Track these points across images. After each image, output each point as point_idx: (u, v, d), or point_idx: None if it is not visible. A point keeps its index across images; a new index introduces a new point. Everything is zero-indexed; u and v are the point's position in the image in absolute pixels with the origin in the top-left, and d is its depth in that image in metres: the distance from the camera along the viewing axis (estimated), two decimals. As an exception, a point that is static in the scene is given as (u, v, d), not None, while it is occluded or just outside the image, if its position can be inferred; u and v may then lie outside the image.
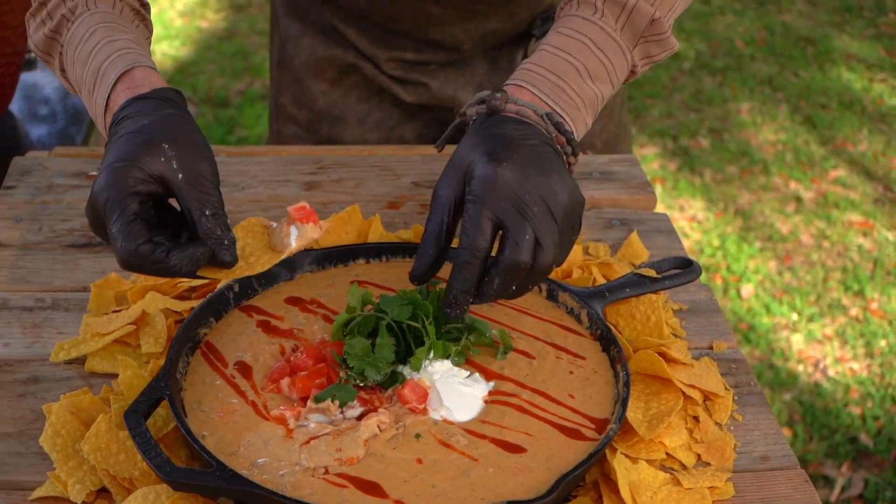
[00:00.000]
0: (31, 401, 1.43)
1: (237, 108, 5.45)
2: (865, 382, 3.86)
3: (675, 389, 1.44)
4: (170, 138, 1.32)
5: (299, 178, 1.94)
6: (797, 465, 1.42)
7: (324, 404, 1.33)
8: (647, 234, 1.85)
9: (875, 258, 4.51)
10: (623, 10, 1.52)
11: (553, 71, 1.48)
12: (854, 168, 5.13)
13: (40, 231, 1.78)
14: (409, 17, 1.96)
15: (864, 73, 5.97)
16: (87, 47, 1.50)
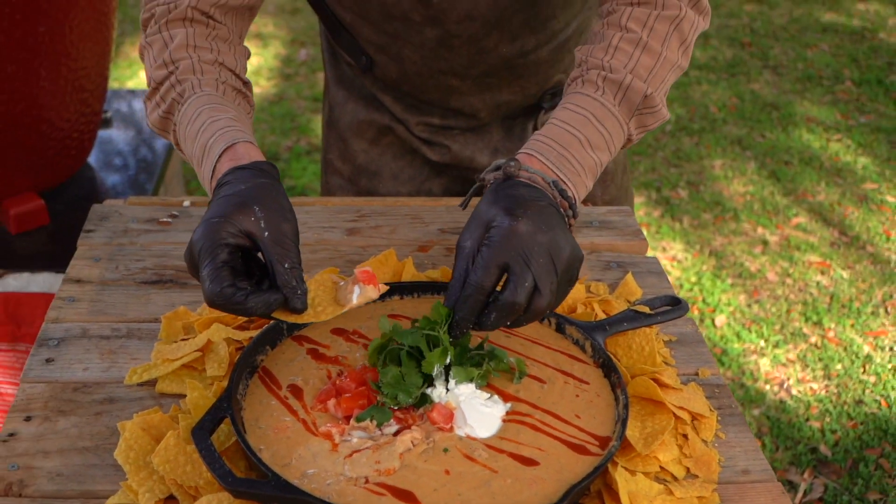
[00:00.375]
0: (106, 419, 1.42)
1: (286, 161, 5.45)
2: (824, 400, 3.81)
3: (667, 411, 1.43)
4: (260, 202, 1.33)
5: (343, 225, 1.93)
6: (774, 478, 1.40)
7: (364, 423, 1.32)
8: (640, 275, 1.83)
9: (832, 293, 4.47)
10: (619, 88, 1.55)
11: (559, 142, 1.50)
12: (813, 216, 5.09)
13: (116, 269, 1.77)
14: (433, 88, 1.96)
15: (822, 134, 5.94)
16: (195, 127, 1.51)
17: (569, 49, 1.96)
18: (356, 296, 1.39)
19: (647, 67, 1.56)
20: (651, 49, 1.57)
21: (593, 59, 1.57)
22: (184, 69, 1.59)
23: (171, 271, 1.76)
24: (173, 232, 1.88)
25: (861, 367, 3.99)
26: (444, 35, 1.83)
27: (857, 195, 5.28)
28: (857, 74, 6.74)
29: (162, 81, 1.61)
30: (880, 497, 3.31)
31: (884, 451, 3.54)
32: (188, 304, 1.66)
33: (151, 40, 1.64)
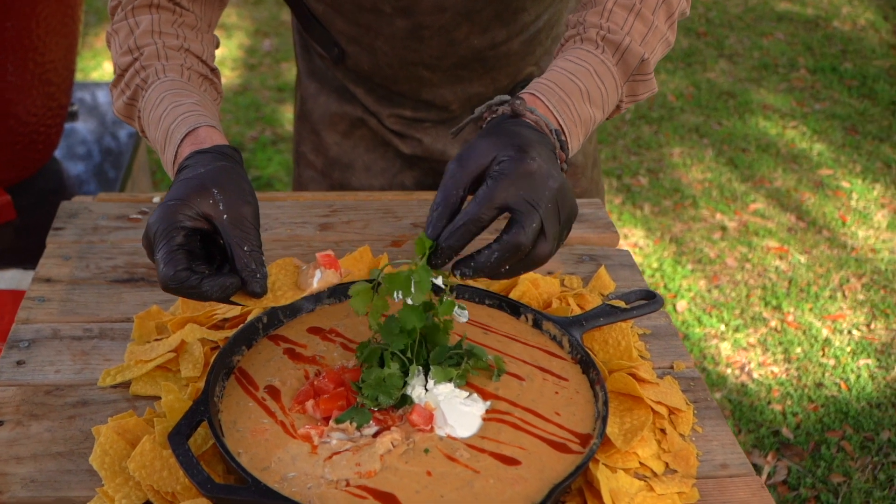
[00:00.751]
0: (80, 422, 1.37)
1: (251, 151, 5.38)
2: (785, 384, 3.83)
3: (645, 406, 1.40)
4: (219, 184, 1.30)
5: (315, 220, 1.89)
6: (752, 472, 1.38)
7: (344, 425, 1.28)
8: (613, 268, 1.81)
9: (790, 278, 4.49)
10: (618, 49, 1.51)
11: (562, 87, 1.44)
12: (770, 202, 5.11)
13: (87, 268, 1.72)
14: (405, 80, 1.92)
15: (778, 121, 5.96)
16: (158, 112, 1.48)
17: (540, 41, 1.93)
18: (317, 280, 1.36)
19: (640, 33, 1.53)
20: (644, 16, 1.53)
21: (591, 20, 1.53)
22: (148, 55, 1.55)
23: (142, 269, 1.71)
24: (143, 229, 1.82)
25: (820, 351, 4.00)
26: (415, 26, 1.79)
27: (813, 181, 5.30)
28: (812, 62, 6.76)
29: (127, 68, 1.57)
30: (843, 480, 3.32)
31: (845, 433, 3.55)
32: (160, 302, 1.61)
33: (118, 27, 1.60)
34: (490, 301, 1.56)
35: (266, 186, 5.04)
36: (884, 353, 3.98)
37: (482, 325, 1.51)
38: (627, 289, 1.76)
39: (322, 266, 1.36)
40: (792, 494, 3.29)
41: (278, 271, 1.37)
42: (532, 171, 1.25)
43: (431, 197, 1.98)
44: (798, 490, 3.30)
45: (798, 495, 3.28)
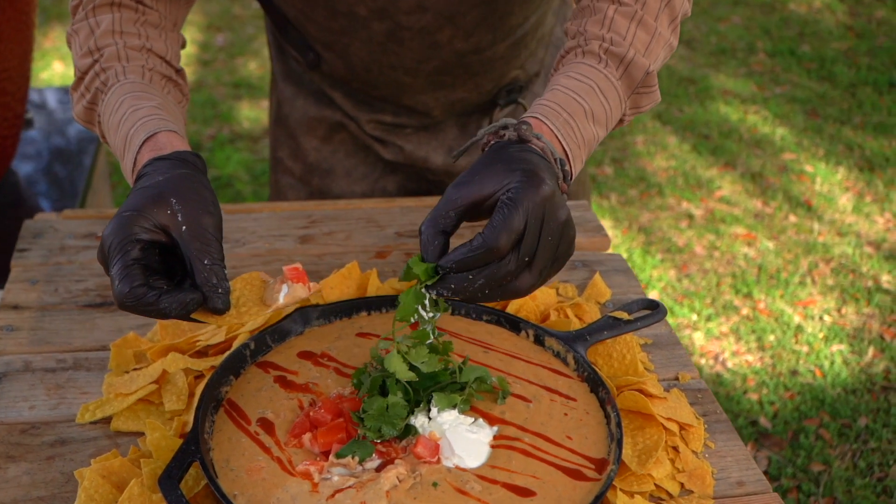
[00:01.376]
0: (60, 463, 1.27)
1: (210, 150, 5.25)
2: (760, 372, 3.79)
3: (656, 424, 1.33)
4: (179, 194, 1.21)
5: (294, 233, 1.80)
6: (769, 488, 1.31)
7: (345, 459, 1.19)
8: (607, 274, 1.74)
9: (759, 264, 4.45)
10: (622, 62, 1.42)
11: (566, 109, 1.35)
12: (735, 188, 5.07)
13: (56, 292, 1.61)
14: (384, 85, 1.83)
15: (739, 106, 5.93)
16: (117, 117, 1.38)
17: (525, 44, 1.85)
18: (283, 295, 1.28)
19: (644, 43, 1.43)
20: (646, 24, 1.44)
21: (592, 31, 1.43)
22: (108, 56, 1.46)
23: (115, 292, 1.61)
24: (114, 247, 1.72)
25: (793, 338, 3.97)
26: (394, 28, 1.70)
27: (776, 166, 5.28)
28: (770, 46, 6.75)
29: (87, 70, 1.48)
30: (824, 468, 3.29)
31: (822, 421, 3.52)
32: (137, 328, 1.52)
33: (78, 27, 1.51)
34: (488, 317, 1.48)
35: (226, 186, 4.92)
36: (856, 339, 3.95)
37: (482, 343, 1.43)
38: (623, 295, 1.69)
39: (289, 280, 1.28)
40: (773, 485, 3.25)
41: (243, 286, 1.28)
42: (547, 197, 1.17)
43: (414, 204, 1.90)
44: (779, 480, 3.26)
45: (780, 486, 3.24)
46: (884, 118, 5.78)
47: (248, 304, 1.27)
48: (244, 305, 1.27)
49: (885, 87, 6.18)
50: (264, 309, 1.27)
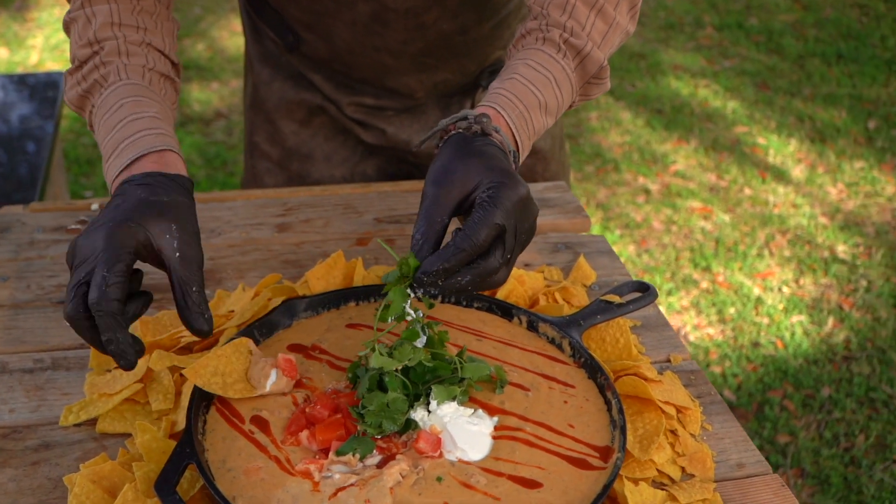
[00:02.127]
0: (46, 468, 1.22)
1: (160, 136, 5.14)
2: (722, 345, 3.80)
3: (654, 408, 1.31)
4: (178, 221, 1.20)
5: (271, 221, 1.75)
6: (770, 469, 1.30)
7: (346, 457, 1.15)
8: (591, 256, 1.71)
9: (716, 238, 4.47)
10: (579, 54, 1.43)
11: (523, 101, 1.37)
12: (690, 162, 5.08)
13: (29, 289, 1.55)
14: (367, 67, 1.78)
15: (689, 80, 5.94)
16: (115, 119, 1.35)
17: (508, 24, 1.81)
18: (270, 383, 1.24)
19: (601, 32, 1.44)
20: (605, 12, 1.45)
21: (554, 17, 1.43)
22: (109, 51, 1.42)
23: (90, 287, 1.55)
24: (86, 241, 1.66)
25: (753, 310, 3.99)
26: (380, 9, 1.65)
27: (729, 139, 5.30)
28: (717, 20, 6.76)
29: (86, 60, 1.44)
30: (790, 439, 3.31)
31: (786, 392, 3.54)
32: (116, 324, 1.46)
33: (75, 16, 1.47)
34: (479, 304, 1.45)
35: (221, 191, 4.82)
36: (815, 309, 3.98)
37: (475, 332, 1.39)
38: (609, 277, 1.66)
39: (281, 369, 1.25)
40: (741, 458, 3.26)
41: (232, 351, 1.25)
42: (524, 198, 1.20)
43: (392, 189, 1.86)
44: (746, 453, 3.28)
45: (747, 458, 3.25)
46: (833, 89, 5.82)
47: (233, 374, 1.25)
48: (230, 376, 1.25)
49: (834, 58, 6.23)
50: (248, 389, 1.25)
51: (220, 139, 5.12)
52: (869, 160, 5.10)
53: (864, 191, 4.83)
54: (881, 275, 4.20)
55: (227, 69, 5.94)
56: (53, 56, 5.95)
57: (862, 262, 4.29)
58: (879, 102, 5.68)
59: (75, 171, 4.70)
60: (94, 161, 4.84)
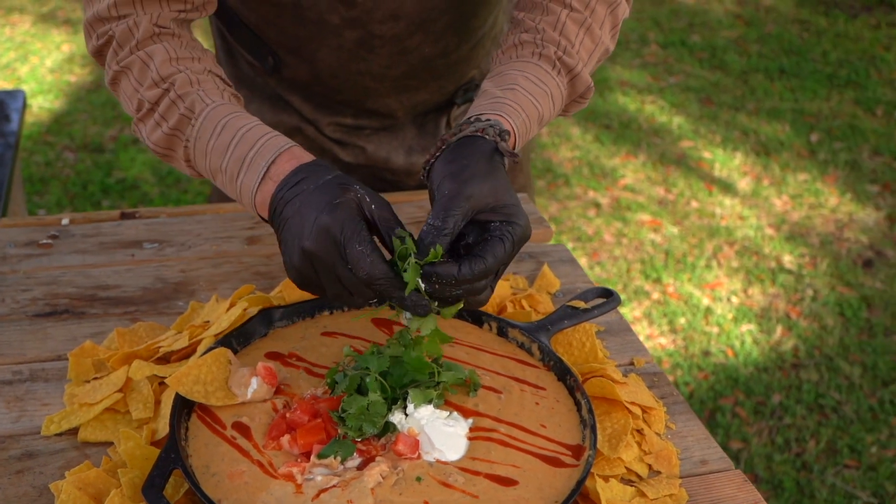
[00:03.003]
0: (30, 477, 1.24)
1: (113, 152, 5.12)
2: (674, 354, 3.88)
3: (621, 408, 1.36)
4: (359, 185, 1.27)
5: (241, 234, 1.77)
6: (732, 466, 1.36)
7: (327, 460, 1.19)
8: (554, 265, 1.76)
9: (666, 250, 4.55)
10: (570, 73, 1.49)
11: (527, 114, 1.43)
12: (638, 176, 5.17)
13: (3, 303, 1.56)
14: (349, 89, 1.81)
15: (636, 96, 6.05)
16: (225, 139, 1.36)
17: (483, 45, 1.86)
18: (251, 391, 1.28)
19: (588, 51, 1.50)
20: (592, 32, 1.51)
21: (549, 34, 1.48)
22: (181, 83, 1.42)
23: (64, 300, 1.57)
24: (57, 255, 1.68)
25: (703, 320, 4.07)
26: (366, 36, 1.68)
27: (676, 153, 5.40)
28: (662, 37, 6.89)
29: (157, 101, 1.43)
30: (743, 446, 3.39)
31: (737, 399, 3.62)
32: (91, 336, 1.48)
33: (127, 62, 1.45)
34: (450, 311, 1.49)
35: (132, 189, 4.82)
36: (763, 318, 4.08)
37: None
38: (572, 284, 1.71)
39: (261, 377, 1.28)
40: (695, 464, 3.33)
41: (212, 361, 1.28)
42: (525, 238, 1.28)
43: None
44: (700, 459, 3.34)
45: (701, 464, 3.32)
46: (776, 104, 5.96)
47: (214, 383, 1.28)
48: (211, 384, 1.27)
49: (776, 73, 6.37)
50: (229, 397, 1.28)
51: (172, 157, 5.11)
52: (812, 172, 5.23)
53: (809, 202, 4.95)
54: (826, 284, 4.30)
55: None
56: (5, 75, 5.91)
57: (808, 271, 4.40)
58: (821, 116, 5.83)
59: (28, 189, 4.67)
60: (46, 179, 4.82)
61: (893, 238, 4.68)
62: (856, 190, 5.08)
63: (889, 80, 6.38)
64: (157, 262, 1.68)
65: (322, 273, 1.22)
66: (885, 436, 3.46)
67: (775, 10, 7.40)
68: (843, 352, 3.89)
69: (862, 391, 3.68)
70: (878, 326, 4.04)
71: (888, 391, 3.68)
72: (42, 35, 6.42)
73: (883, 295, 4.24)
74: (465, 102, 1.93)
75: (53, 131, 5.28)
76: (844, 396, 3.65)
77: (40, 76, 5.87)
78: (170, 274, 1.65)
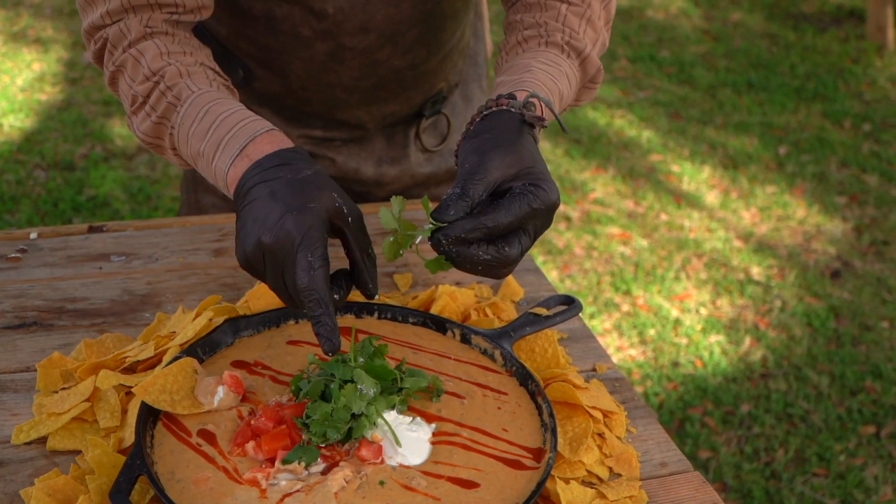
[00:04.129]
0: (1, 484, 1.25)
1: (84, 170, 5.12)
2: (644, 365, 3.92)
3: (582, 413, 1.39)
4: (335, 189, 1.27)
5: (207, 246, 1.79)
6: (691, 467, 1.39)
7: (291, 465, 1.21)
8: (518, 274, 1.79)
9: (635, 262, 4.60)
10: (580, 55, 1.53)
11: (549, 89, 1.45)
12: (608, 189, 5.22)
13: (-29, 315, 1.58)
14: (319, 101, 1.84)
15: (605, 111, 6.11)
16: (206, 124, 1.39)
17: (452, 57, 1.90)
18: (218, 399, 1.30)
19: (592, 40, 1.55)
20: (593, 23, 1.55)
21: (552, 25, 1.52)
22: (171, 75, 1.47)
23: (32, 312, 1.58)
24: (25, 268, 1.69)
25: (672, 331, 4.11)
26: (336, 48, 1.71)
27: (645, 167, 5.46)
28: (631, 52, 6.96)
29: (148, 93, 1.48)
30: (711, 455, 3.42)
31: (706, 409, 3.66)
32: (59, 347, 1.50)
33: (121, 61, 1.51)
34: (414, 319, 1.52)
35: (103, 206, 4.82)
36: (732, 329, 4.12)
37: (412, 345, 1.46)
38: (535, 293, 1.74)
39: (227, 385, 1.31)
40: (665, 473, 3.36)
41: (178, 371, 1.30)
42: (554, 207, 1.29)
43: None
44: (670, 468, 3.38)
45: (670, 474, 3.36)
46: (744, 118, 6.03)
47: (181, 392, 1.30)
48: (177, 393, 1.29)
49: (744, 87, 6.45)
50: (195, 405, 1.30)
51: (143, 174, 5.12)
52: (780, 185, 5.30)
53: (777, 214, 5.02)
54: (794, 295, 4.36)
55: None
56: (-28, 93, 5.91)
57: (776, 283, 4.45)
58: (789, 129, 5.91)
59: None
60: (17, 198, 4.81)
61: (861, 249, 4.75)
62: (823, 202, 5.15)
63: (857, 92, 6.47)
64: (125, 275, 1.69)
65: (269, 268, 1.24)
66: (854, 444, 3.51)
67: (743, 25, 7.50)
68: (811, 361, 3.95)
69: (830, 400, 3.73)
70: (845, 336, 4.09)
71: (856, 400, 3.74)
72: (13, 54, 6.41)
73: (850, 305, 4.30)
74: (434, 115, 1.96)
75: (24, 150, 5.27)
76: (813, 405, 3.70)
77: (11, 95, 5.86)
78: (137, 286, 1.67)
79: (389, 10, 1.69)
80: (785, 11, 7.81)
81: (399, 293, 1.68)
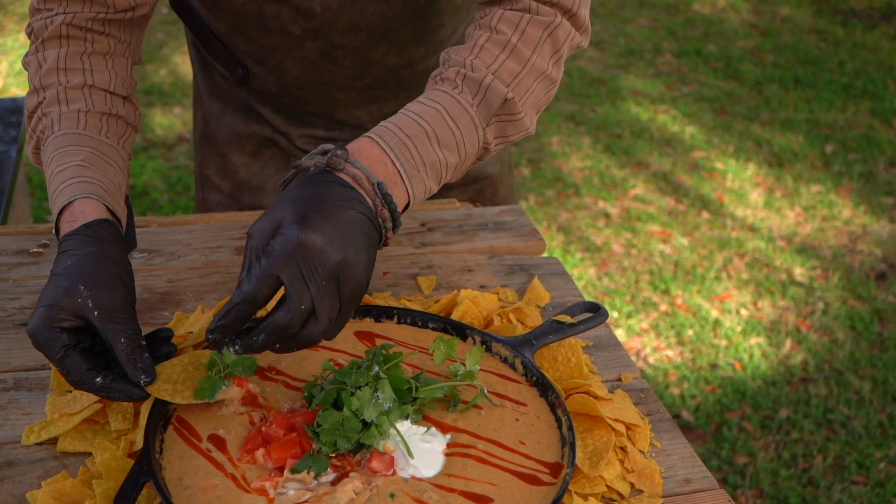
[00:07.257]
0: (9, 485, 1.24)
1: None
2: (680, 367, 3.86)
3: (604, 425, 1.35)
4: (86, 279, 1.23)
5: (230, 244, 1.77)
6: (716, 485, 1.34)
7: (300, 475, 1.19)
8: (545, 278, 1.75)
9: (675, 261, 4.54)
10: (479, 88, 1.40)
11: (404, 130, 1.33)
12: (649, 186, 5.16)
13: (-10, 311, 1.57)
14: (316, 101, 1.82)
15: (648, 106, 6.04)
16: (47, 175, 1.42)
17: None
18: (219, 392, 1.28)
19: (511, 72, 1.41)
20: (519, 53, 1.42)
21: (455, 58, 1.42)
22: (49, 100, 1.48)
23: (50, 310, 1.57)
24: (47, 263, 1.68)
25: (712, 332, 4.05)
26: (328, 47, 1.69)
27: (687, 163, 5.38)
28: (676, 46, 6.88)
29: (33, 111, 1.51)
30: (748, 460, 3.37)
31: (744, 413, 3.60)
32: (76, 346, 1.48)
33: (29, 60, 1.53)
34: (434, 324, 1.49)
35: (142, 195, 4.84)
36: (773, 331, 4.05)
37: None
38: (562, 298, 1.71)
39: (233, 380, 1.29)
40: (699, 478, 3.31)
41: (189, 361, 1.28)
42: (307, 245, 1.15)
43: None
44: (704, 473, 3.33)
45: (705, 478, 3.30)
46: (790, 114, 5.93)
47: (186, 382, 1.27)
48: (182, 384, 1.27)
49: (791, 83, 6.35)
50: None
51: (182, 163, 5.13)
52: (826, 184, 5.20)
53: (821, 214, 4.93)
54: (838, 297, 4.28)
55: (189, 94, 5.96)
56: (18, 81, 5.95)
57: (819, 284, 4.37)
58: (836, 127, 5.80)
59: (39, 195, 4.69)
60: (55, 185, 4.84)
61: (907, 251, 4.66)
62: (870, 202, 5.05)
63: (906, 91, 6.35)
64: (146, 272, 1.68)
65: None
66: (894, 451, 3.44)
67: (791, 20, 7.38)
68: (853, 366, 3.87)
69: (871, 406, 3.66)
70: (889, 340, 4.01)
71: (897, 407, 3.66)
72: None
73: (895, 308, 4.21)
74: None
75: None
76: (853, 411, 3.63)
77: None
78: (157, 284, 1.65)
79: (380, 6, 1.65)
80: (834, 7, 7.68)
81: (422, 296, 1.65)
